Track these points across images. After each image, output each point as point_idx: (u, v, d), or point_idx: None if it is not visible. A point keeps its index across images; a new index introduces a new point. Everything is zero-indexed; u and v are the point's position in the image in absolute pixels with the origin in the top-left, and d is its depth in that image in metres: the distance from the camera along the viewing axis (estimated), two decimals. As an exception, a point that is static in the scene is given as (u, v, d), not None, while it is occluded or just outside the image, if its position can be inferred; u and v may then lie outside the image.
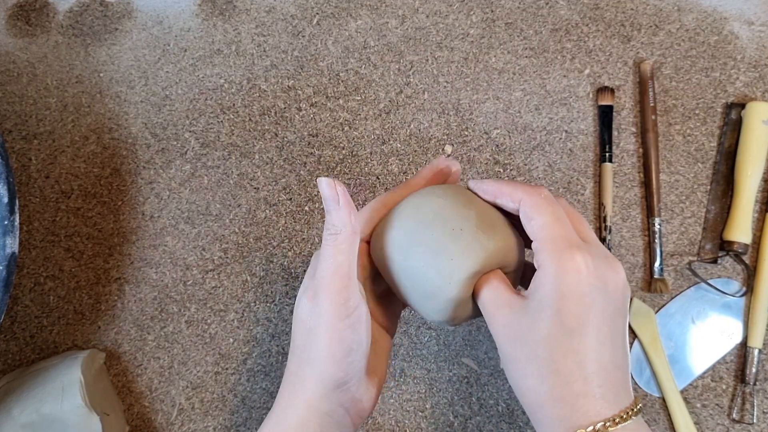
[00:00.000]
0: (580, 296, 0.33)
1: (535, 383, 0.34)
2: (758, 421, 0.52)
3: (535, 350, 0.34)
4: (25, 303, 0.54)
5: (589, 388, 0.33)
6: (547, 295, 0.34)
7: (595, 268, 0.34)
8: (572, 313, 0.33)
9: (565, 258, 0.34)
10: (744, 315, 0.54)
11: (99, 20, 0.61)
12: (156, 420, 0.52)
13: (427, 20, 0.61)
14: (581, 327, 0.33)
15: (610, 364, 0.34)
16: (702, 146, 0.58)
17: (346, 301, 0.37)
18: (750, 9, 0.60)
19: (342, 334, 0.37)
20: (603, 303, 0.34)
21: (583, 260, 0.34)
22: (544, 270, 0.34)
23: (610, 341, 0.34)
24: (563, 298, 0.33)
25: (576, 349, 0.33)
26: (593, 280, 0.33)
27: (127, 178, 0.57)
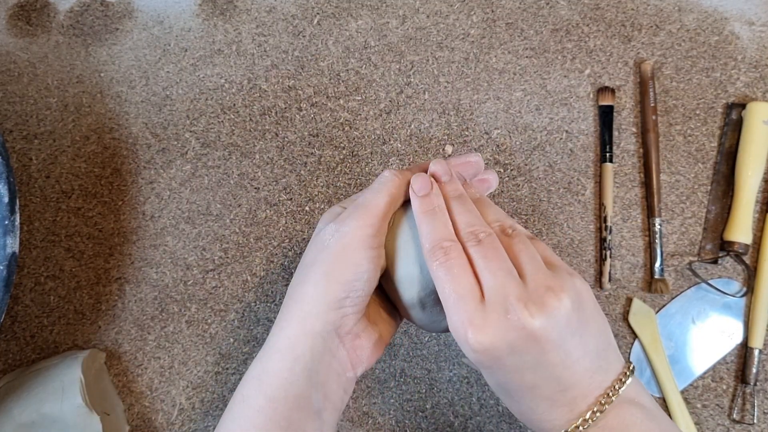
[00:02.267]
0: (487, 367, 0.35)
1: (514, 407, 0.37)
2: (759, 422, 0.52)
3: (497, 387, 0.37)
4: (26, 303, 0.54)
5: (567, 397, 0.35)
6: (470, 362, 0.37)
7: (489, 342, 0.33)
8: (489, 376, 0.36)
9: (460, 341, 0.35)
10: (744, 315, 0.54)
11: (100, 20, 0.61)
12: (156, 420, 0.52)
13: (427, 20, 0.61)
14: (505, 383, 0.35)
15: (557, 386, 0.34)
16: (702, 146, 0.58)
17: (374, 234, 0.39)
18: (751, 9, 0.60)
19: (358, 259, 0.38)
20: (515, 359, 0.34)
21: (475, 342, 0.34)
22: None
23: (545, 377, 0.34)
24: (481, 368, 0.36)
25: (512, 394, 0.36)
26: (492, 354, 0.34)
27: (128, 178, 0.57)
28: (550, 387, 0.34)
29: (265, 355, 0.39)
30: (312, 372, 0.38)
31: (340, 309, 0.38)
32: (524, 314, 0.33)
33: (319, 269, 0.39)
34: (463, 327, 0.34)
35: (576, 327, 0.34)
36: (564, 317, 0.34)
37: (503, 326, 0.33)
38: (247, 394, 0.39)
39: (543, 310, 0.33)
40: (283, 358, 0.38)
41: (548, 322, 0.33)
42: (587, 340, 0.35)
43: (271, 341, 0.40)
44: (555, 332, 0.33)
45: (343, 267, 0.38)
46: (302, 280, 0.40)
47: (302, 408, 0.38)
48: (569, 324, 0.34)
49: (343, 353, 0.40)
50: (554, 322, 0.33)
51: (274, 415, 0.37)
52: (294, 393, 0.38)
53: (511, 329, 0.33)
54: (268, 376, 0.38)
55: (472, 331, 0.33)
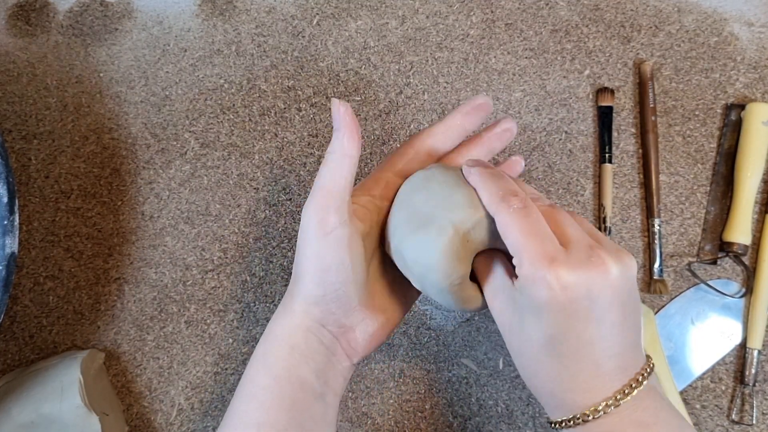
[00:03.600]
0: (559, 310, 0.33)
1: (529, 373, 0.36)
2: (757, 422, 0.52)
3: (526, 346, 0.35)
4: (25, 303, 0.54)
5: (576, 385, 0.34)
6: (527, 305, 0.35)
7: (572, 281, 0.33)
8: (552, 324, 0.34)
9: (536, 276, 0.33)
10: (743, 316, 0.54)
11: (99, 20, 0.61)
12: (155, 420, 0.52)
13: (427, 21, 0.61)
14: (563, 335, 0.34)
15: (605, 356, 0.34)
16: (702, 147, 0.58)
17: (325, 218, 0.37)
18: (750, 10, 0.60)
19: (321, 251, 0.38)
20: (585, 311, 0.33)
21: (556, 277, 0.33)
22: (522, 281, 0.35)
23: (598, 339, 0.34)
24: (541, 311, 0.34)
25: (561, 354, 0.34)
26: (571, 293, 0.33)
27: (127, 178, 0.57)
28: (602, 348, 0.34)
29: (269, 337, 0.40)
30: (309, 360, 0.39)
31: (324, 306, 0.39)
32: (608, 260, 0.34)
33: (299, 268, 0.39)
34: (542, 263, 0.33)
35: (635, 294, 0.35)
36: (633, 277, 0.35)
37: (587, 266, 0.33)
38: (253, 374, 0.39)
39: (621, 264, 0.34)
40: (282, 345, 0.39)
41: (624, 275, 0.34)
42: (637, 312, 0.35)
43: (271, 327, 0.40)
44: (626, 288, 0.34)
45: (311, 263, 0.38)
46: (293, 275, 0.40)
47: (305, 390, 0.38)
48: (633, 287, 0.35)
49: (337, 345, 0.40)
50: (628, 277, 0.34)
51: (280, 392, 0.38)
52: (296, 375, 0.38)
53: (595, 270, 0.33)
54: (271, 357, 0.39)
55: (555, 266, 0.33)
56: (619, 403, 0.33)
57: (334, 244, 0.37)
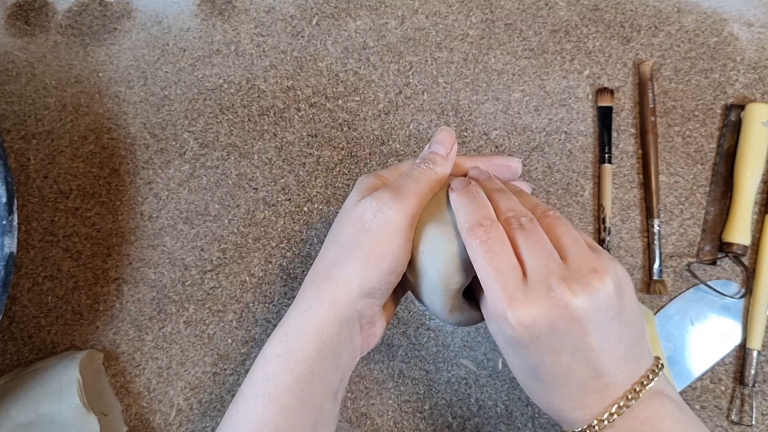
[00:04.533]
0: (525, 347, 0.34)
1: (530, 395, 0.37)
2: (757, 423, 0.52)
3: (516, 373, 0.37)
4: (24, 303, 0.54)
5: (565, 405, 0.35)
6: (501, 340, 0.35)
7: (531, 319, 0.33)
8: (525, 357, 0.35)
9: (498, 317, 0.34)
10: (743, 317, 0.54)
11: (98, 20, 0.61)
12: (154, 420, 0.52)
13: (426, 21, 0.61)
14: (539, 365, 0.34)
15: (591, 372, 0.34)
16: (701, 148, 0.58)
17: (412, 225, 0.38)
18: (750, 10, 0.60)
19: (396, 250, 0.38)
20: (554, 343, 0.33)
21: (515, 318, 0.33)
22: (490, 319, 0.35)
23: (577, 365, 0.34)
24: (512, 348, 0.35)
25: (543, 381, 0.35)
26: (531, 332, 0.33)
27: (126, 178, 0.57)
28: (584, 372, 0.34)
29: (292, 334, 0.38)
30: (336, 355, 0.38)
31: (371, 298, 0.39)
32: (567, 293, 0.32)
33: (359, 254, 0.38)
34: (503, 303, 0.33)
35: (616, 312, 0.34)
36: (606, 300, 0.33)
37: (546, 304, 0.33)
38: (272, 373, 0.38)
39: (587, 291, 0.33)
40: (311, 339, 0.38)
41: (591, 303, 0.33)
42: (624, 327, 0.34)
43: (298, 320, 0.39)
44: (597, 314, 0.33)
45: (383, 256, 0.38)
46: (338, 260, 0.39)
47: (325, 389, 0.38)
48: (610, 308, 0.33)
49: (359, 339, 0.40)
50: (597, 303, 0.33)
51: (301, 393, 0.37)
52: (319, 373, 0.38)
53: (554, 307, 0.33)
54: (296, 355, 0.38)
55: (514, 307, 0.33)
56: (613, 418, 0.33)
57: (408, 251, 0.38)
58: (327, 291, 0.38)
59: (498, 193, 0.39)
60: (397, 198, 0.38)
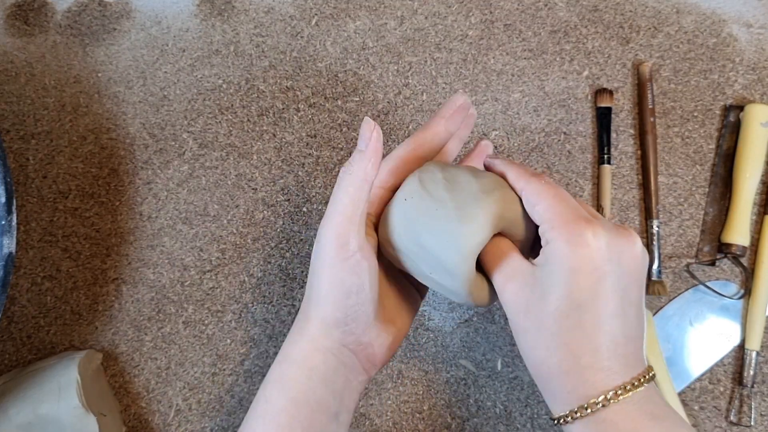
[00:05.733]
0: (591, 270, 0.33)
1: (543, 355, 0.35)
2: (756, 424, 0.52)
3: (545, 323, 0.34)
4: (23, 303, 0.54)
5: (596, 361, 0.33)
6: (557, 269, 0.34)
7: (606, 242, 0.34)
8: (582, 287, 0.33)
9: (575, 232, 0.34)
10: (742, 317, 0.54)
11: (97, 20, 0.60)
12: (153, 421, 0.52)
13: (425, 21, 0.61)
14: (591, 301, 0.33)
15: (620, 336, 0.34)
16: (700, 148, 0.58)
17: (345, 244, 0.37)
18: (749, 11, 0.60)
19: (340, 275, 0.37)
20: (614, 276, 0.34)
21: (593, 234, 0.34)
22: (554, 244, 0.34)
23: (621, 314, 0.34)
24: (574, 272, 0.34)
25: (585, 322, 0.33)
26: (605, 254, 0.34)
27: (125, 178, 0.57)
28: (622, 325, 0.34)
29: (284, 361, 0.39)
30: (328, 381, 0.39)
31: (344, 327, 0.38)
32: (634, 234, 0.35)
33: (314, 292, 0.39)
34: (580, 222, 0.34)
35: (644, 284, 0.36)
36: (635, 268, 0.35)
37: (620, 233, 0.35)
38: (270, 396, 0.39)
39: (640, 242, 0.36)
40: (300, 368, 0.39)
41: (645, 253, 0.36)
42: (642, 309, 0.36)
43: (286, 350, 0.40)
44: (644, 268, 0.35)
45: (330, 288, 0.38)
46: (307, 300, 0.40)
47: (322, 411, 0.38)
48: (644, 273, 0.36)
49: (356, 362, 0.40)
50: (646, 257, 0.36)
51: (298, 414, 0.38)
52: (314, 397, 0.38)
53: (627, 239, 0.35)
54: (288, 381, 0.39)
55: (594, 225, 0.34)
56: (637, 390, 0.33)
57: (355, 269, 0.37)
58: (305, 327, 0.39)
59: None
60: (322, 230, 0.38)
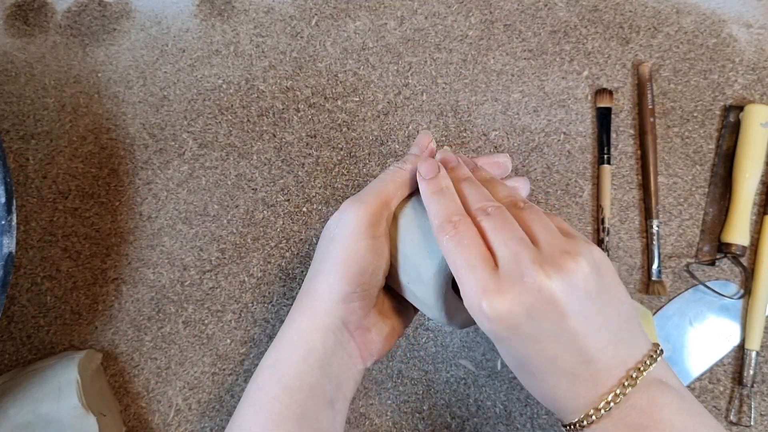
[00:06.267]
0: (507, 337, 0.33)
1: (527, 387, 0.36)
2: (756, 423, 0.52)
3: (509, 365, 0.36)
4: (22, 303, 0.54)
5: (563, 392, 0.33)
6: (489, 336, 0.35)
7: (507, 308, 0.32)
8: (508, 350, 0.34)
9: (475, 311, 0.33)
10: (741, 317, 0.54)
11: (97, 20, 0.61)
12: (153, 421, 0.52)
13: (425, 22, 0.61)
14: (525, 358, 0.34)
15: (576, 360, 0.33)
16: (700, 148, 0.58)
17: (376, 223, 0.38)
18: (748, 12, 0.60)
19: (362, 252, 0.38)
20: (535, 329, 0.32)
21: (491, 309, 0.32)
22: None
23: (565, 349, 0.33)
24: (497, 341, 0.34)
25: (532, 374, 0.34)
26: (510, 321, 0.32)
27: (125, 178, 0.57)
28: (571, 358, 0.33)
29: (279, 345, 0.40)
30: (325, 364, 0.39)
31: (349, 303, 0.39)
32: (540, 276, 0.32)
33: (328, 263, 0.39)
34: (477, 296, 0.32)
35: (596, 293, 0.33)
36: (582, 280, 0.32)
37: (519, 290, 0.32)
38: (262, 382, 0.39)
39: (560, 272, 0.32)
40: (297, 350, 0.39)
41: (566, 284, 0.32)
42: (608, 309, 0.33)
43: (284, 332, 0.40)
44: (574, 296, 0.32)
45: (348, 260, 0.38)
46: (313, 275, 0.40)
47: (316, 397, 0.38)
48: (588, 289, 0.32)
49: (354, 347, 0.40)
50: (572, 284, 0.32)
51: (291, 402, 0.38)
52: (308, 382, 0.38)
53: (528, 292, 0.32)
54: (283, 366, 0.39)
55: (487, 298, 0.32)
56: (610, 406, 0.32)
57: (378, 249, 0.38)
58: (306, 303, 0.40)
59: (465, 183, 0.38)
60: (355, 202, 0.39)
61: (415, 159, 0.41)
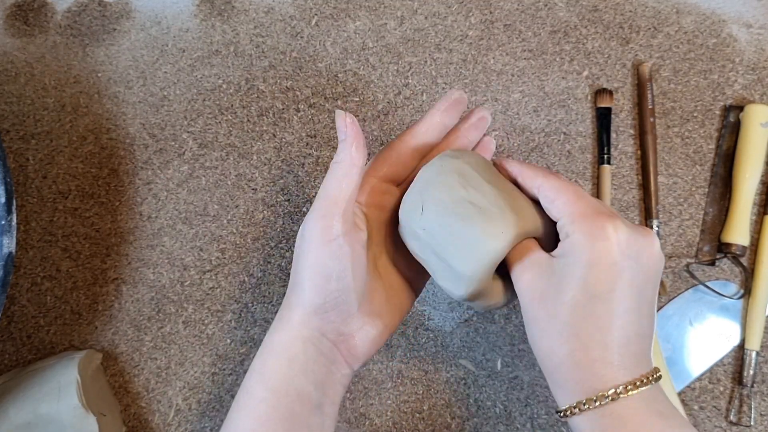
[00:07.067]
0: (609, 264, 0.34)
1: (554, 344, 0.35)
2: (756, 423, 0.52)
3: (558, 312, 0.35)
4: (22, 303, 0.54)
5: (607, 355, 0.33)
6: (576, 260, 0.34)
7: (626, 237, 0.34)
8: (599, 280, 0.34)
9: (596, 225, 0.34)
10: (741, 317, 0.54)
11: (97, 20, 0.61)
12: (153, 421, 0.52)
13: (425, 21, 0.61)
14: (606, 294, 0.34)
15: (633, 332, 0.34)
16: (700, 148, 0.58)
17: (329, 227, 0.37)
18: (748, 12, 0.60)
19: (322, 259, 0.38)
20: (632, 272, 0.34)
21: (614, 229, 0.34)
22: (573, 237, 0.35)
23: (635, 310, 0.34)
24: (592, 265, 0.34)
25: (598, 315, 0.34)
26: (624, 249, 0.34)
27: (125, 178, 0.57)
28: (635, 321, 0.34)
29: (265, 351, 0.40)
30: (308, 371, 0.39)
31: (323, 314, 0.39)
32: (652, 233, 0.36)
33: (297, 278, 0.39)
34: (602, 216, 0.34)
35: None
36: (652, 266, 0.35)
37: (640, 231, 0.35)
38: (250, 386, 0.39)
39: (657, 242, 0.36)
40: (279, 358, 0.39)
41: (661, 253, 0.36)
42: (653, 307, 0.36)
43: (268, 339, 0.40)
44: (660, 268, 0.35)
45: (312, 271, 0.38)
46: (290, 288, 0.40)
47: (303, 402, 0.38)
48: (660, 272, 0.36)
49: (337, 353, 0.40)
50: (662, 256, 0.36)
51: (278, 405, 0.38)
52: (294, 387, 0.38)
53: (646, 237, 0.35)
54: (268, 371, 0.39)
55: (614, 220, 0.34)
56: (645, 386, 0.33)
57: (337, 252, 0.37)
58: (285, 315, 0.40)
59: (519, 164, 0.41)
60: (310, 213, 0.39)
61: (342, 146, 0.39)
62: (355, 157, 0.38)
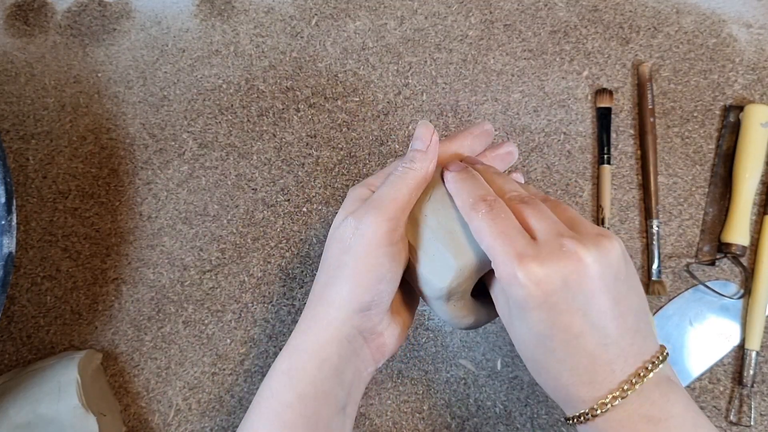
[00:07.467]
0: (537, 306, 0.33)
1: (531, 370, 0.36)
2: (756, 423, 0.52)
3: (524, 345, 0.36)
4: (22, 303, 0.54)
5: (579, 375, 0.34)
6: (512, 307, 0.35)
7: (545, 274, 0.32)
8: (535, 321, 0.34)
9: (508, 274, 0.33)
10: (741, 317, 0.54)
11: (97, 20, 0.61)
12: (153, 421, 0.52)
13: (425, 21, 0.61)
14: (550, 330, 0.33)
15: (598, 344, 0.33)
16: (700, 148, 0.58)
17: (393, 229, 0.38)
18: (748, 12, 0.60)
19: (380, 259, 0.37)
20: (566, 301, 0.33)
21: (525, 274, 0.32)
22: (501, 284, 0.35)
23: (590, 329, 0.33)
24: (522, 309, 0.34)
25: (554, 349, 0.34)
26: (546, 286, 0.32)
27: (125, 178, 0.57)
28: (594, 338, 0.33)
29: (294, 353, 0.39)
30: (338, 372, 0.38)
31: (367, 312, 0.38)
32: (580, 247, 0.33)
33: (344, 273, 0.38)
34: (513, 262, 0.33)
35: (624, 277, 0.34)
36: (616, 260, 0.33)
37: (558, 258, 0.32)
38: (276, 389, 0.38)
39: (597, 248, 0.33)
40: (311, 359, 0.38)
41: (602, 260, 0.33)
42: (631, 296, 0.34)
43: (298, 339, 0.39)
44: (607, 274, 0.33)
45: (367, 270, 0.38)
46: (328, 281, 0.39)
47: (330, 404, 0.38)
48: (619, 271, 0.33)
49: (367, 352, 0.40)
50: (608, 262, 0.33)
51: (305, 410, 0.37)
52: (322, 390, 0.38)
53: (567, 261, 0.32)
54: (297, 373, 0.38)
55: (524, 263, 0.32)
56: (627, 394, 0.33)
57: (395, 256, 0.38)
58: (321, 312, 0.39)
59: (498, 176, 0.39)
60: (372, 211, 0.38)
61: (422, 156, 0.39)
62: (429, 172, 0.39)
